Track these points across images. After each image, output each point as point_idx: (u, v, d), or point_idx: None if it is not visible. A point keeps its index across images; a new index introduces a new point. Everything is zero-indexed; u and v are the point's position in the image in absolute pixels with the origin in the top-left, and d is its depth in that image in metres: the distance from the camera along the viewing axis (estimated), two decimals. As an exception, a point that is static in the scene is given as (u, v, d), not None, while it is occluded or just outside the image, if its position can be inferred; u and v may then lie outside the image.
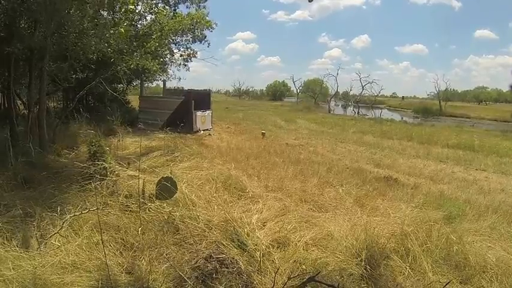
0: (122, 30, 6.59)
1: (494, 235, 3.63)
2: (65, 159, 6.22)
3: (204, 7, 11.28)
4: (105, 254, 2.63)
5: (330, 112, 37.20)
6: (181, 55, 13.91)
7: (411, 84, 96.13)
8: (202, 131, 12.47)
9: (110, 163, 4.58)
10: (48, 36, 6.29)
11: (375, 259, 2.89)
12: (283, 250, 3.08)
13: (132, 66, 9.06)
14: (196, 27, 12.54)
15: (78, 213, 3.34)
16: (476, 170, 8.96)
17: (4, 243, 2.88)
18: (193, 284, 2.57)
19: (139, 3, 8.26)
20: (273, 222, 3.54)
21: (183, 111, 12.25)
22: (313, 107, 40.37)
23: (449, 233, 3.27)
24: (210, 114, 13.47)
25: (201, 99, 13.12)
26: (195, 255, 2.90)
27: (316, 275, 2.44)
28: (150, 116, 12.64)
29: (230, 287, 2.60)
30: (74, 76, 9.47)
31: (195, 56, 14.15)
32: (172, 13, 9.98)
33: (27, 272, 2.51)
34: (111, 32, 6.79)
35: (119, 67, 8.60)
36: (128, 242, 3.10)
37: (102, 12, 7.04)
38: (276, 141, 11.58)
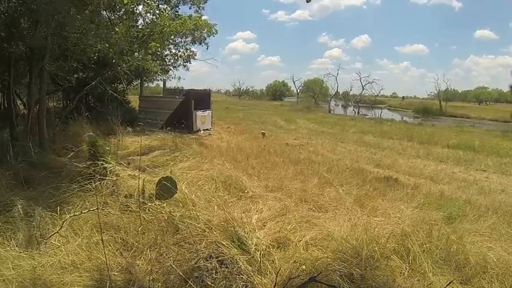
0: (117, 30, 6.59)
1: (495, 235, 3.62)
2: (65, 159, 6.22)
3: (203, 9, 11.29)
4: (105, 254, 2.63)
5: (330, 112, 37.25)
6: (180, 56, 13.93)
7: (411, 84, 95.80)
8: (202, 131, 12.47)
9: (110, 163, 4.58)
10: (49, 36, 6.29)
11: (375, 259, 2.88)
12: (284, 250, 3.07)
13: (132, 67, 9.04)
14: (197, 30, 12.55)
15: (78, 213, 3.33)
16: (477, 170, 8.96)
17: (4, 243, 2.88)
18: (193, 283, 2.57)
19: (141, 3, 8.25)
20: (273, 222, 3.53)
21: (183, 111, 12.26)
22: (313, 107, 40.33)
23: (449, 233, 3.26)
24: (210, 114, 13.47)
25: (201, 99, 13.13)
26: (195, 255, 2.90)
27: (317, 275, 2.43)
28: (150, 115, 12.65)
29: (230, 287, 2.59)
30: (74, 76, 9.47)
31: (193, 58, 14.18)
32: (173, 14, 9.97)
33: (26, 272, 2.51)
34: (112, 32, 6.80)
35: (119, 67, 8.59)
36: (128, 242, 3.10)
37: (102, 12, 7.05)
38: (276, 141, 11.58)
